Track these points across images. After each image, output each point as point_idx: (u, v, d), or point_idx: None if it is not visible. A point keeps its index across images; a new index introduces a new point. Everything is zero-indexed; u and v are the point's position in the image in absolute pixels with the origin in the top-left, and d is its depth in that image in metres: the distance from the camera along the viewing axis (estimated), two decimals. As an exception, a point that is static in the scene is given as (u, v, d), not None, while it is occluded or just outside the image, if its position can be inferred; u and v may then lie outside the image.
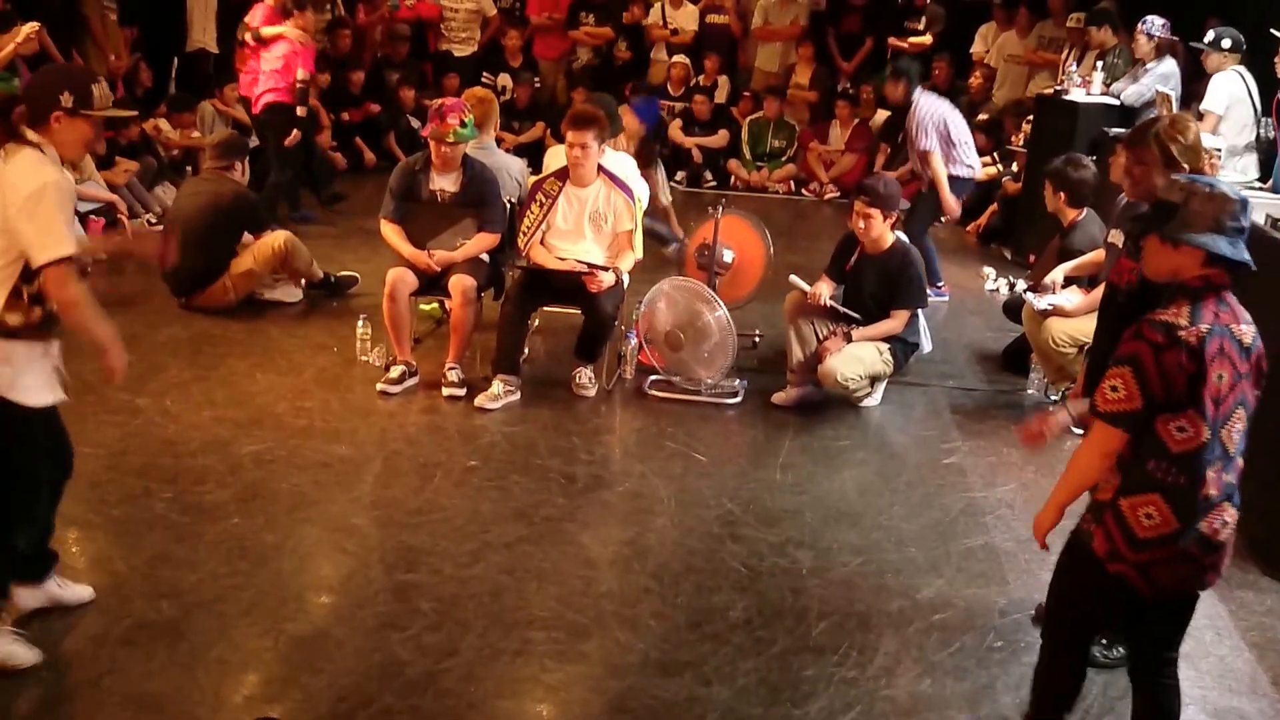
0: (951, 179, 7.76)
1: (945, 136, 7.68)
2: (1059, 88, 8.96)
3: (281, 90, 8.71)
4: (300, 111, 8.83)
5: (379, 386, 5.86)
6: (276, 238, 6.97)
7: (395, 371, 5.90)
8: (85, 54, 9.43)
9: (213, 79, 10.32)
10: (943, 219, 8.27)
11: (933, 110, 7.70)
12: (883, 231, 5.84)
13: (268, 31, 8.73)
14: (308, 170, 9.44)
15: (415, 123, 10.92)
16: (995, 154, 9.98)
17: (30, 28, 7.88)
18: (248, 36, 8.90)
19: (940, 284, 7.99)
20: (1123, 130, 7.10)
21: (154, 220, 8.57)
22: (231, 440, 5.22)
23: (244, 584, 4.10)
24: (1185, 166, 3.61)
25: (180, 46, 10.59)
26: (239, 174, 7.04)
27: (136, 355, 5.95)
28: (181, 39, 10.54)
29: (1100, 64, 8.82)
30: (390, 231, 6.02)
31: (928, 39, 11.38)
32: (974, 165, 7.97)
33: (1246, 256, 2.89)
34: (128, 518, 4.50)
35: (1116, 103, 8.31)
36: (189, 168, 9.54)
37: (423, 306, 6.75)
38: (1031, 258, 8.14)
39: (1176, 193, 2.92)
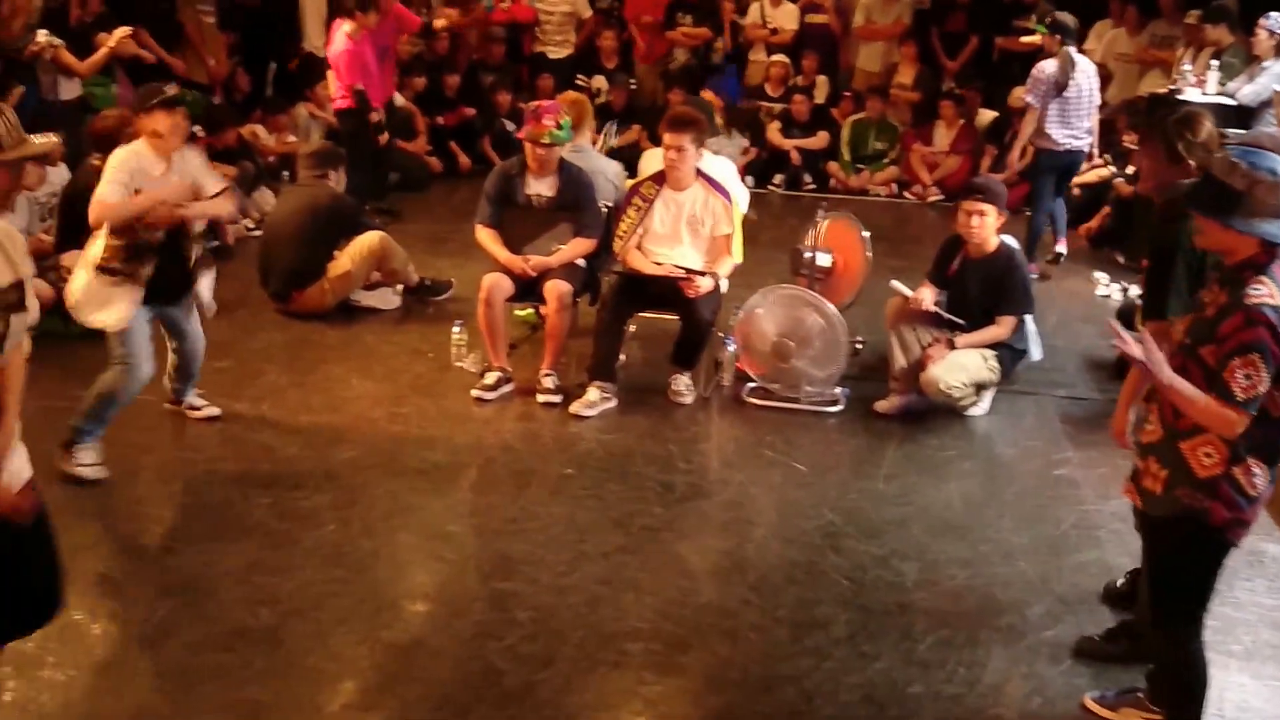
0: (1040, 150, 8.34)
1: (1057, 100, 8.12)
2: (1173, 87, 8.66)
3: (343, 95, 8.98)
4: (372, 116, 8.98)
5: (474, 393, 5.83)
6: (371, 238, 7.00)
7: (490, 378, 5.87)
8: (185, 59, 9.59)
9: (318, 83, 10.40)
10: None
11: (1082, 72, 8.18)
12: (990, 233, 5.66)
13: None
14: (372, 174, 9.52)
15: (510, 126, 10.94)
16: (1108, 155, 9.68)
17: (123, 31, 8.03)
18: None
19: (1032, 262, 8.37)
20: (1240, 130, 6.83)
21: (252, 225, 8.68)
22: (328, 446, 5.23)
23: (340, 591, 4.09)
24: (1191, 163, 3.66)
25: (279, 51, 10.72)
26: (334, 182, 7.09)
27: (233, 361, 6.08)
28: (282, 43, 10.66)
29: (1215, 62, 8.51)
30: (486, 237, 5.99)
31: (1038, 38, 11.08)
32: (1059, 143, 8.26)
33: None
34: (225, 523, 4.53)
35: (1232, 103, 8.01)
36: (285, 173, 9.65)
37: (518, 312, 6.73)
38: (1145, 262, 7.87)
39: (1239, 179, 2.96)
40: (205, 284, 5.00)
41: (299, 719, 3.43)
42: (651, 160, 6.61)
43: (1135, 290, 7.53)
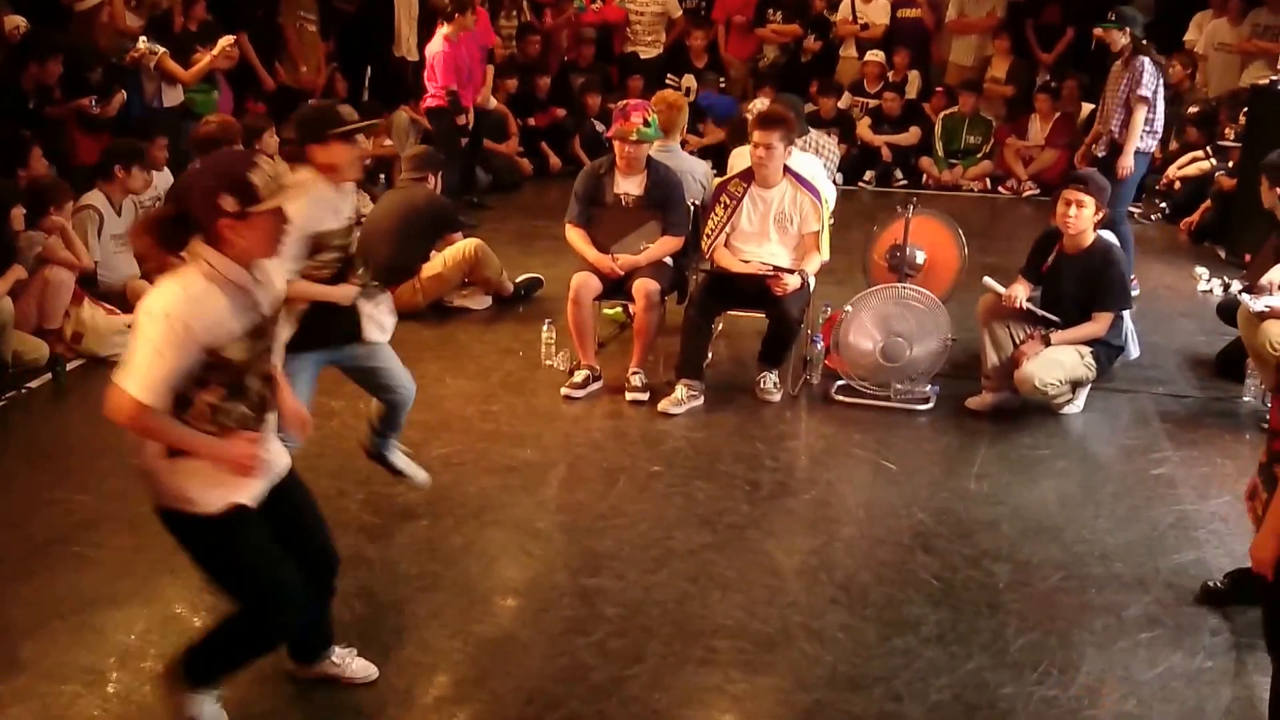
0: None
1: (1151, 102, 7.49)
2: (1276, 78, 8.43)
3: (434, 94, 9.27)
4: (459, 119, 9.20)
5: (563, 391, 5.89)
6: (468, 244, 7.12)
7: (579, 376, 5.92)
8: (284, 66, 9.81)
9: (413, 88, 10.57)
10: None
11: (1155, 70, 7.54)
12: (1088, 225, 5.56)
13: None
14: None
15: (600, 127, 11.01)
16: (1208, 148, 9.45)
17: (226, 40, 8.25)
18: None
19: (1131, 277, 7.71)
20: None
21: (350, 226, 8.85)
22: (422, 443, 5.30)
23: (433, 585, 4.16)
24: None
25: (375, 55, 10.92)
26: (432, 185, 7.21)
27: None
28: (378, 48, 10.86)
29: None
30: (575, 236, 6.04)
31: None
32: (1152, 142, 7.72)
33: None
34: (322, 517, 4.62)
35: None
36: (381, 175, 9.82)
37: (606, 311, 6.77)
38: (1247, 257, 7.70)
39: None
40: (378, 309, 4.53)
41: (394, 711, 3.50)
42: (740, 158, 6.61)
43: (1236, 285, 7.35)
